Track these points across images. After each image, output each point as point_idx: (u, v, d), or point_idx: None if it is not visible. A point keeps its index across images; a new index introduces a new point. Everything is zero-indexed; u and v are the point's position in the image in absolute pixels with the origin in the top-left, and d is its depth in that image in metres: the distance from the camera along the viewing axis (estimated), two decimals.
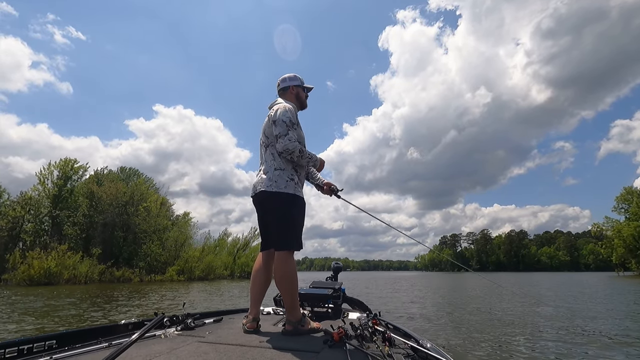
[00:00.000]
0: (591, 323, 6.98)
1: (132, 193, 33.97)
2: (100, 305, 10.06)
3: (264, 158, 2.35)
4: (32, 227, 30.25)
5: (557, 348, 4.86)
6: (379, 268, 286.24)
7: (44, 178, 32.78)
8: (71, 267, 23.81)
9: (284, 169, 2.25)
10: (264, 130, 2.39)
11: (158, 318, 1.72)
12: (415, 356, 1.68)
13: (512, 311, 8.99)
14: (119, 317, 7.50)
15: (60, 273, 23.07)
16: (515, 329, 6.45)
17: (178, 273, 31.87)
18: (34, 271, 21.92)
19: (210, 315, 2.70)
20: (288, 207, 2.21)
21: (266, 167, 2.29)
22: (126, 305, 10.01)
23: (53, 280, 22.81)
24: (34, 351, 1.59)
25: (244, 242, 46.13)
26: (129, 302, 10.97)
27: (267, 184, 2.21)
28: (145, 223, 33.39)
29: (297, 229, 2.23)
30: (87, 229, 32.17)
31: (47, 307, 9.38)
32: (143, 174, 45.08)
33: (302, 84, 2.59)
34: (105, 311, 8.61)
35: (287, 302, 2.16)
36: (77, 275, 24.12)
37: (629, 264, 48.01)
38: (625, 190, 50.10)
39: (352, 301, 3.37)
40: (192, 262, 33.51)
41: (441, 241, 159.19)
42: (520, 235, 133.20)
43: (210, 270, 34.91)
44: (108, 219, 32.00)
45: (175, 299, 12.25)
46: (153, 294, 14.86)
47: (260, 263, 2.37)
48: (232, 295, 14.44)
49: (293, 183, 2.25)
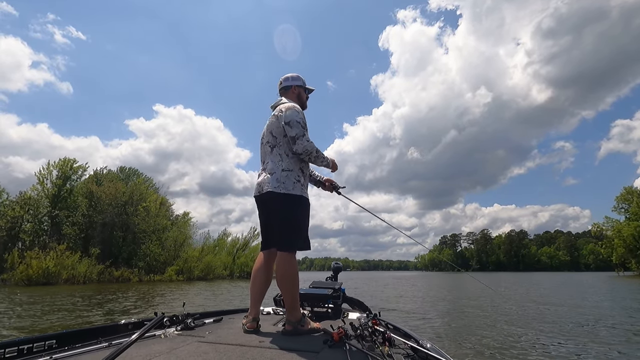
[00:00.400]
0: (591, 324, 6.95)
1: (131, 193, 33.88)
2: (93, 306, 9.98)
3: (270, 158, 2.31)
4: (31, 227, 30.20)
5: (556, 347, 4.84)
6: (379, 268, 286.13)
7: (43, 178, 32.76)
8: (70, 267, 23.72)
9: (292, 170, 2.25)
10: (270, 130, 2.34)
11: (158, 318, 1.72)
12: (415, 356, 1.67)
13: (511, 310, 9.00)
14: (107, 319, 7.42)
15: (58, 273, 22.99)
16: (514, 328, 6.43)
17: (177, 273, 31.80)
18: (32, 271, 21.86)
19: (210, 315, 2.69)
20: (294, 208, 2.21)
21: (272, 167, 2.26)
22: (121, 306, 9.93)
23: (52, 280, 22.75)
24: (33, 351, 1.59)
25: (244, 242, 46.10)
26: (124, 303, 10.90)
27: (274, 184, 2.20)
28: (145, 223, 33.31)
29: (302, 229, 2.24)
30: (87, 229, 32.08)
31: (35, 307, 9.31)
32: (143, 174, 45.01)
33: (304, 84, 2.61)
34: (96, 313, 8.53)
35: (288, 302, 2.16)
36: (75, 275, 24.04)
37: (629, 264, 47.94)
38: (625, 190, 50.05)
39: (352, 301, 3.36)
40: (192, 262, 33.45)
41: (441, 241, 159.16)
42: (520, 235, 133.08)
43: (210, 270, 34.85)
44: (107, 219, 31.92)
45: (167, 300, 12.18)
46: (151, 294, 14.80)
47: (261, 263, 2.36)
48: (230, 297, 14.38)
49: (300, 184, 2.25)
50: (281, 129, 2.28)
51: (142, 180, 41.52)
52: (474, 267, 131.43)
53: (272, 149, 2.31)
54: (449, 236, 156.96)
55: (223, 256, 39.84)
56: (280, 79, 2.59)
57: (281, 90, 2.56)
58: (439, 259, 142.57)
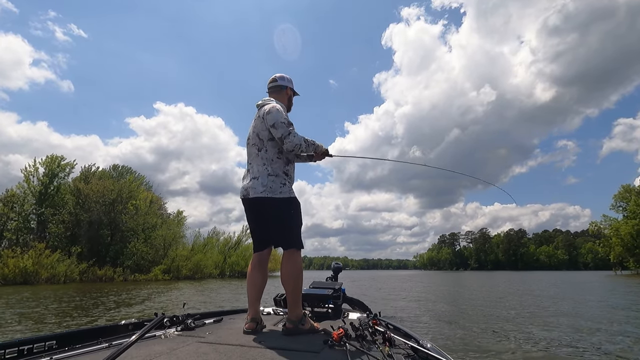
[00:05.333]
0: (588, 323, 6.88)
1: (119, 190, 33.29)
2: (49, 310, 9.41)
3: (255, 161, 2.34)
4: (15, 225, 29.65)
5: (556, 347, 4.92)
6: (378, 267, 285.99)
7: (29, 175, 32.23)
8: (49, 267, 23.13)
9: (277, 175, 2.28)
10: (257, 133, 2.36)
11: (158, 318, 1.76)
12: (416, 356, 1.69)
13: (511, 310, 9.04)
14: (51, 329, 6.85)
15: (37, 272, 22.40)
16: (514, 327, 6.50)
17: (164, 272, 31.23)
18: (7, 270, 21.29)
19: (211, 315, 2.68)
20: (285, 210, 2.25)
21: (257, 171, 2.29)
22: (80, 311, 9.37)
23: (31, 280, 22.19)
24: (34, 351, 1.59)
25: (237, 240, 45.60)
26: (84, 307, 10.33)
27: (259, 189, 2.23)
28: (133, 221, 32.77)
29: (298, 229, 2.29)
30: (73, 227, 31.55)
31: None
32: (136, 172, 44.37)
33: (293, 87, 2.68)
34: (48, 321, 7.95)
35: (290, 300, 2.18)
36: (55, 275, 23.46)
37: (626, 262, 47.42)
38: (623, 188, 49.50)
39: (352, 301, 3.39)
40: (179, 261, 32.87)
41: (440, 240, 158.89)
42: (519, 234, 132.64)
43: (198, 270, 34.27)
44: (94, 217, 31.36)
45: (131, 303, 11.63)
46: (127, 295, 14.24)
47: (255, 264, 2.40)
48: (204, 299, 13.83)
49: (287, 187, 2.29)
50: (266, 131, 2.31)
51: (133, 177, 40.97)
52: (472, 266, 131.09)
53: (259, 151, 2.34)
54: (448, 235, 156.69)
55: (214, 255, 39.29)
56: (275, 76, 2.59)
57: (273, 88, 2.58)
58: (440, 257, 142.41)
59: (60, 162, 34.19)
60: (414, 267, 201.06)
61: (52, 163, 33.54)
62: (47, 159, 33.42)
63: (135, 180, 39.70)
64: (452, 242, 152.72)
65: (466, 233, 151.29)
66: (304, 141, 2.29)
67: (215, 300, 11.95)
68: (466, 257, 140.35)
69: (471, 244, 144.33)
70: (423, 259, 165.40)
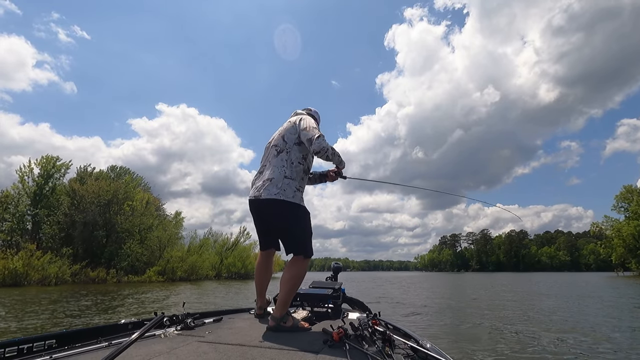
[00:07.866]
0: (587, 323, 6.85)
1: (115, 191, 33.00)
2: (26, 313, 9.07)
3: (273, 162, 2.33)
4: (9, 226, 29.38)
5: (556, 347, 4.89)
6: (379, 268, 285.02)
7: (23, 175, 31.99)
8: (39, 268, 22.81)
9: (294, 179, 2.28)
10: (283, 135, 2.39)
11: (158, 318, 1.77)
12: (415, 356, 1.70)
13: (511, 310, 9.08)
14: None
15: (27, 274, 22.08)
16: (514, 327, 6.53)
17: (159, 274, 30.88)
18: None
19: (210, 315, 2.66)
20: (296, 215, 2.27)
21: (274, 173, 2.27)
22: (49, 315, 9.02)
23: (21, 282, 21.88)
24: (33, 350, 1.60)
25: (235, 241, 45.30)
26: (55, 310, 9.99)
27: (274, 191, 2.22)
28: (128, 222, 32.46)
29: (307, 235, 2.33)
30: (68, 228, 31.25)
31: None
32: (134, 173, 44.09)
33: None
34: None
35: (281, 298, 2.21)
36: (47, 277, 23.14)
37: (628, 263, 46.85)
38: (625, 188, 48.98)
39: (352, 301, 3.38)
40: (174, 262, 32.52)
41: (441, 241, 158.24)
42: (521, 235, 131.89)
43: (193, 271, 33.92)
44: (89, 218, 31.07)
45: (113, 306, 11.28)
46: (111, 298, 13.90)
47: (262, 260, 2.59)
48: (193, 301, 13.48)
49: (299, 194, 2.31)
50: (295, 135, 2.35)
51: (129, 178, 40.68)
52: (473, 267, 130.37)
53: (279, 153, 2.34)
54: (449, 236, 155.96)
55: (211, 256, 38.94)
56: (311, 108, 2.80)
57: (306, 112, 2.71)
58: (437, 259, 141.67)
59: (56, 162, 33.94)
60: (415, 269, 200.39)
61: (47, 163, 33.28)
62: (42, 160, 33.18)
63: (132, 181, 39.46)
64: (453, 244, 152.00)
65: (467, 234, 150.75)
66: (332, 148, 2.32)
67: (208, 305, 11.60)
68: (467, 258, 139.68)
69: (472, 245, 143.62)
70: (424, 260, 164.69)
